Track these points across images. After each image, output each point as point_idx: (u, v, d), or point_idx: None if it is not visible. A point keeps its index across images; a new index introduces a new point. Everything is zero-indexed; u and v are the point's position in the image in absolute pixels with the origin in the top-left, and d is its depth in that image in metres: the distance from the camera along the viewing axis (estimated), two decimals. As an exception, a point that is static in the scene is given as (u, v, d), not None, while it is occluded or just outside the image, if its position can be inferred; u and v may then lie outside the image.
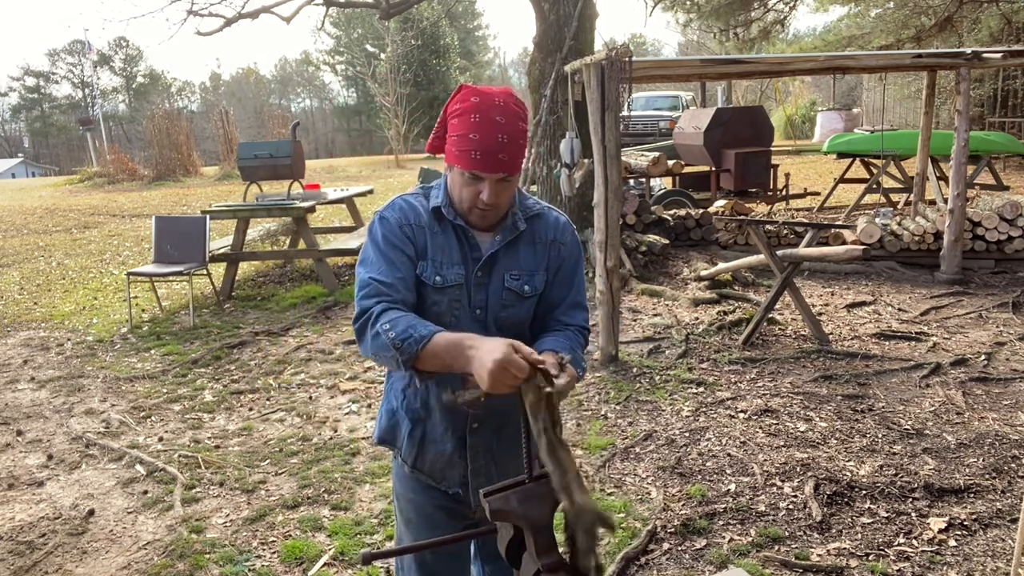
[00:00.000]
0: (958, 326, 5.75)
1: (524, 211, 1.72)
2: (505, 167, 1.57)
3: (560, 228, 1.76)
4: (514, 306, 1.70)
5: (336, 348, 5.80)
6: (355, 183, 18.29)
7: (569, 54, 7.67)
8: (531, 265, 1.71)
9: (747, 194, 10.30)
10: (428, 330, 1.46)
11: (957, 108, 6.91)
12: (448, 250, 1.66)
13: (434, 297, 1.65)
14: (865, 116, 23.28)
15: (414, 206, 1.69)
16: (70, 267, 9.69)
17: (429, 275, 1.65)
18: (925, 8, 16.28)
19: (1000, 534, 3.05)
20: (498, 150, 1.54)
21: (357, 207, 9.80)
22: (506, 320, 1.70)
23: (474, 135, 1.54)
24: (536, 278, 1.71)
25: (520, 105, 1.60)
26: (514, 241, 1.70)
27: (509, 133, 1.55)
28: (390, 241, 1.63)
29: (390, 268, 1.60)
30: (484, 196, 1.59)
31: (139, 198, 18.28)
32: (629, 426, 4.20)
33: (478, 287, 1.68)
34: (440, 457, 1.75)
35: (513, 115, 1.57)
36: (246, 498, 3.59)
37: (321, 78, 59.36)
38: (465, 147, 1.55)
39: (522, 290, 1.69)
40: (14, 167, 45.36)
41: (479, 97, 1.56)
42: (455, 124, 1.58)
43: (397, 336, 1.46)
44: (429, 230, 1.67)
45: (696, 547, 3.05)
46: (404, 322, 1.48)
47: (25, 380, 5.42)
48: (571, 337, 1.71)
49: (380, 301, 1.55)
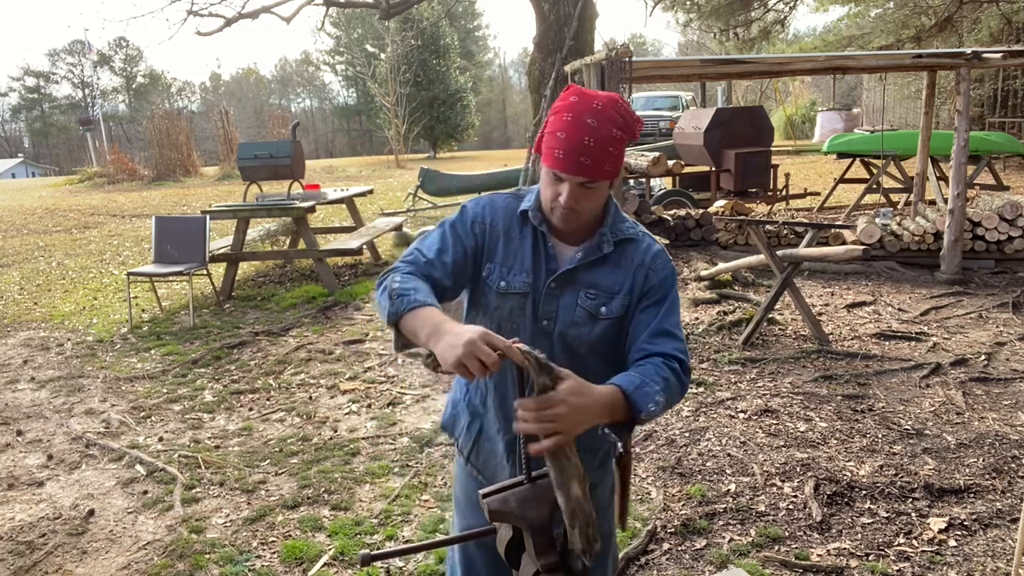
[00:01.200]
0: (958, 326, 5.75)
1: (615, 233, 1.64)
2: (586, 171, 1.50)
3: (652, 254, 1.66)
4: (586, 325, 1.62)
5: (336, 348, 5.80)
6: (355, 183, 18.29)
7: (569, 54, 7.68)
8: (612, 288, 1.62)
9: (747, 194, 10.30)
10: (423, 300, 1.46)
11: (957, 108, 6.91)
12: (521, 257, 1.63)
13: (497, 302, 1.63)
14: (865, 116, 23.28)
15: (500, 206, 1.68)
16: (70, 267, 9.69)
17: (495, 279, 1.63)
18: (925, 8, 16.28)
19: (1000, 534, 3.05)
20: (581, 152, 1.49)
21: (357, 207, 9.80)
22: (575, 339, 1.62)
23: (562, 133, 1.51)
24: (615, 302, 1.62)
25: (624, 114, 1.53)
26: (598, 261, 1.63)
27: (598, 137, 1.49)
28: (455, 229, 1.65)
29: (440, 249, 1.62)
30: (562, 199, 1.54)
31: (139, 198, 18.29)
32: (629, 426, 4.19)
33: (549, 298, 1.62)
34: (492, 455, 1.75)
35: (608, 120, 1.50)
36: (246, 498, 3.59)
37: (321, 78, 59.41)
38: (551, 144, 1.52)
39: (597, 311, 1.61)
40: (14, 167, 45.37)
41: (578, 97, 1.53)
42: (551, 120, 1.55)
43: (397, 289, 1.48)
44: (505, 234, 1.64)
45: (696, 547, 3.05)
46: (412, 283, 1.50)
47: (25, 380, 5.42)
48: (647, 370, 1.51)
49: (410, 267, 1.58)
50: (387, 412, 4.57)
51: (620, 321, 1.64)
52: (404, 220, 10.25)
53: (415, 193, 13.41)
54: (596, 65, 6.11)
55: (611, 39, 8.32)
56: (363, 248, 7.85)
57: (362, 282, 7.76)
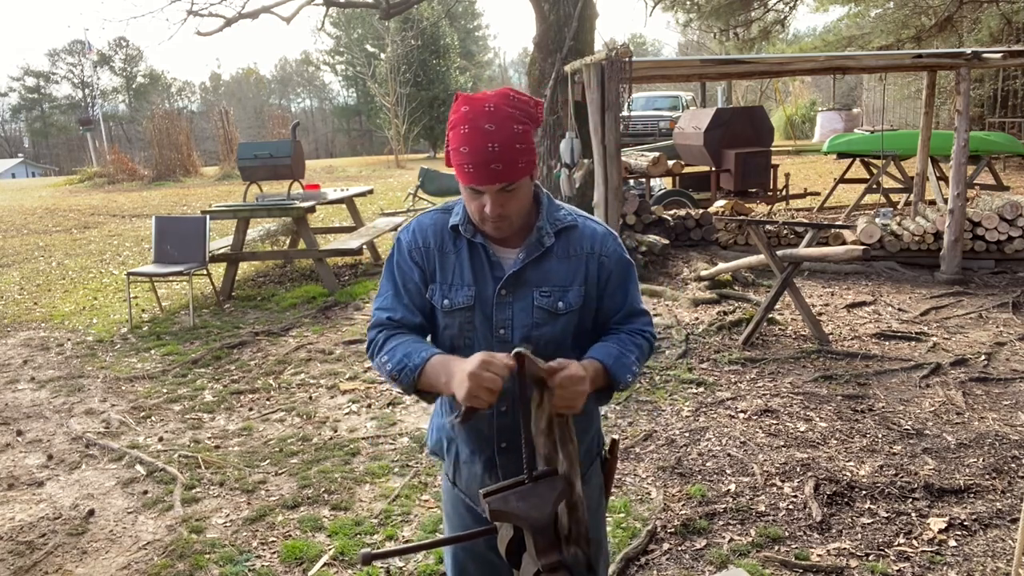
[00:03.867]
0: (958, 326, 5.75)
1: (553, 224, 1.61)
2: (500, 176, 1.46)
3: (600, 239, 1.64)
4: (547, 324, 1.59)
5: (336, 348, 5.80)
6: (355, 183, 18.29)
7: (569, 54, 7.67)
8: (564, 280, 1.60)
9: (747, 194, 10.30)
10: (420, 358, 1.48)
11: (957, 108, 6.91)
12: (459, 271, 1.60)
13: (445, 321, 1.62)
14: (865, 116, 23.28)
15: (428, 225, 1.65)
16: (70, 267, 9.69)
17: (437, 299, 1.62)
18: (925, 8, 16.29)
19: (1000, 534, 3.04)
20: (489, 160, 1.45)
21: (357, 207, 9.81)
22: (539, 339, 1.58)
23: (464, 148, 1.46)
24: (571, 294, 1.60)
25: (517, 104, 1.49)
26: (543, 256, 1.59)
27: (501, 140, 1.44)
28: (400, 267, 1.65)
29: (395, 296, 1.65)
30: (487, 208, 1.50)
31: (139, 198, 18.28)
32: (629, 426, 4.20)
33: (501, 306, 1.59)
34: (473, 478, 1.70)
35: (506, 118, 1.46)
36: (246, 498, 3.59)
37: (321, 78, 59.43)
38: (459, 161, 1.48)
39: (555, 307, 1.59)
40: (14, 167, 45.38)
41: (469, 106, 1.48)
42: (451, 137, 1.50)
43: (394, 368, 1.52)
44: (440, 251, 1.62)
45: (696, 547, 3.05)
46: (400, 351, 1.53)
47: (25, 380, 5.42)
48: (622, 339, 1.63)
49: (382, 330, 1.61)
50: (387, 412, 4.57)
51: (580, 312, 1.63)
52: (404, 220, 10.25)
53: (415, 193, 13.41)
54: (596, 65, 6.11)
55: (611, 39, 8.31)
56: (363, 248, 7.85)
57: (362, 282, 7.77)
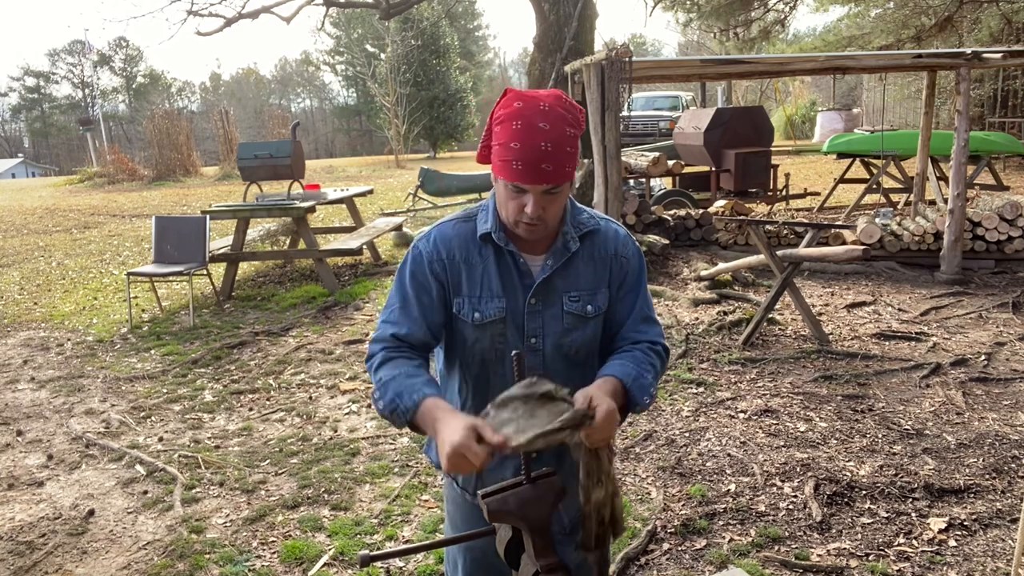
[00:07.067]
0: (958, 326, 5.75)
1: (577, 227, 1.60)
2: (549, 177, 1.43)
3: (621, 241, 1.64)
4: (578, 330, 1.59)
5: (336, 348, 5.80)
6: (355, 183, 18.29)
7: (569, 54, 7.67)
8: (591, 283, 1.60)
9: (747, 194, 10.30)
10: (412, 401, 1.44)
11: (957, 108, 6.92)
12: (488, 282, 1.56)
13: (475, 335, 1.57)
14: (865, 116, 23.27)
15: (451, 236, 1.59)
16: (70, 267, 9.69)
17: (467, 312, 1.57)
18: (925, 8, 16.28)
19: (1000, 534, 3.04)
20: (541, 159, 1.41)
21: (357, 207, 9.80)
22: (571, 346, 1.58)
23: (515, 144, 1.42)
24: (599, 296, 1.60)
25: (570, 108, 1.46)
26: (569, 261, 1.58)
27: (554, 140, 1.41)
28: (416, 277, 1.59)
29: (403, 309, 1.58)
30: (528, 209, 1.46)
31: (139, 198, 18.28)
32: (629, 426, 4.20)
33: (532, 315, 1.56)
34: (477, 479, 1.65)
35: (559, 120, 1.43)
36: (246, 498, 3.59)
37: (321, 78, 59.41)
38: (507, 157, 1.43)
39: (584, 311, 1.58)
40: (14, 167, 45.40)
41: (523, 102, 1.44)
42: (498, 131, 1.46)
43: (385, 407, 1.47)
44: (465, 263, 1.57)
45: (696, 547, 3.05)
46: (392, 390, 1.47)
47: (25, 380, 5.42)
48: (638, 358, 1.58)
49: (383, 348, 1.55)
50: (387, 412, 4.57)
51: (606, 314, 1.64)
52: (404, 220, 10.26)
53: (415, 193, 13.41)
54: (596, 65, 6.11)
55: (611, 39, 8.31)
56: (363, 248, 7.85)
57: (362, 282, 7.77)
